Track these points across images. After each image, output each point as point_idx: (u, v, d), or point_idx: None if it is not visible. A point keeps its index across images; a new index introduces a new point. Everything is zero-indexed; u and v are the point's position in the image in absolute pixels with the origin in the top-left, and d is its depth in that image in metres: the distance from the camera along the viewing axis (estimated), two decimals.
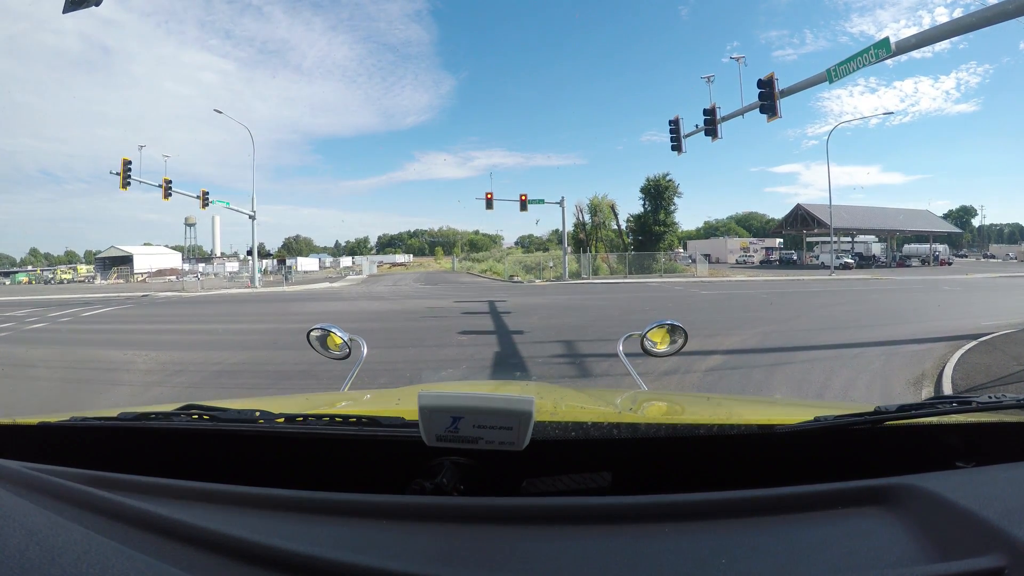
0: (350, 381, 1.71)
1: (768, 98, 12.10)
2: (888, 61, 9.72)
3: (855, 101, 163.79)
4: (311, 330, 1.77)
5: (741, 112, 13.49)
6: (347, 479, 0.83)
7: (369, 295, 22.04)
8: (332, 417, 0.93)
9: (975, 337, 8.12)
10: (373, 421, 0.88)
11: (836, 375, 6.31)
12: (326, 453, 0.93)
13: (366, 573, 0.51)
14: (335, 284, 32.61)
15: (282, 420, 0.91)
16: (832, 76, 10.39)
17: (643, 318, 11.86)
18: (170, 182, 25.45)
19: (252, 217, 30.74)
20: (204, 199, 27.71)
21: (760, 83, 12.35)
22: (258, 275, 31.73)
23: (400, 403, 1.22)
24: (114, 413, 0.98)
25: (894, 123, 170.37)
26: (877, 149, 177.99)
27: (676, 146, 15.71)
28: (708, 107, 14.36)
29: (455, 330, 10.37)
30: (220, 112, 29.48)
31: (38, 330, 12.14)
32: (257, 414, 0.94)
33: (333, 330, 1.75)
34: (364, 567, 0.51)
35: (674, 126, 15.75)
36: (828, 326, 10.28)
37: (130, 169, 23.02)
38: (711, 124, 14.43)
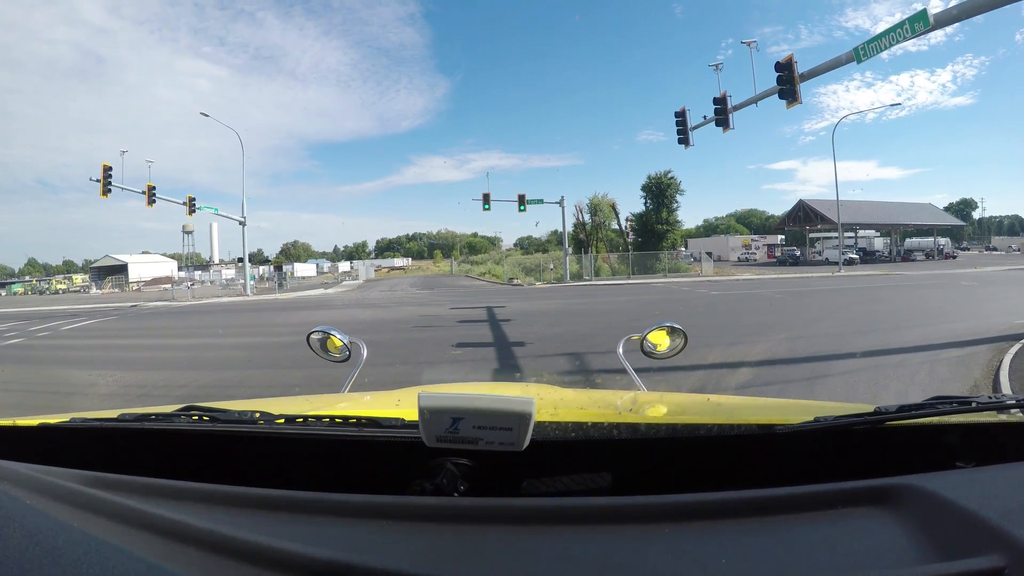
0: (350, 383, 1.72)
1: (788, 82, 11.15)
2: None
3: (851, 96, 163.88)
4: (311, 332, 1.76)
5: (755, 99, 12.56)
6: (347, 480, 0.81)
7: (361, 302, 21.21)
8: (332, 418, 0.92)
9: (1016, 338, 7.60)
10: (373, 422, 0.88)
11: (884, 388, 5.57)
12: (326, 454, 0.92)
13: (366, 573, 0.51)
14: (329, 290, 31.85)
15: (282, 421, 0.90)
16: (860, 56, 9.51)
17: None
18: (153, 188, 24.64)
19: (242, 223, 29.87)
20: (191, 205, 26.82)
21: (778, 66, 11.44)
22: (251, 282, 31.23)
23: (400, 404, 1.21)
24: (114, 414, 0.97)
25: (891, 117, 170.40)
26: (874, 144, 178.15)
27: (683, 139, 14.84)
28: (719, 95, 13.46)
29: (450, 342, 9.49)
30: (207, 115, 28.50)
31: (11, 347, 11.42)
32: (257, 415, 0.93)
33: (333, 333, 1.73)
34: (364, 567, 0.51)
35: (680, 118, 14.89)
36: (856, 329, 9.52)
37: (111, 176, 22.20)
38: (722, 114, 13.52)
